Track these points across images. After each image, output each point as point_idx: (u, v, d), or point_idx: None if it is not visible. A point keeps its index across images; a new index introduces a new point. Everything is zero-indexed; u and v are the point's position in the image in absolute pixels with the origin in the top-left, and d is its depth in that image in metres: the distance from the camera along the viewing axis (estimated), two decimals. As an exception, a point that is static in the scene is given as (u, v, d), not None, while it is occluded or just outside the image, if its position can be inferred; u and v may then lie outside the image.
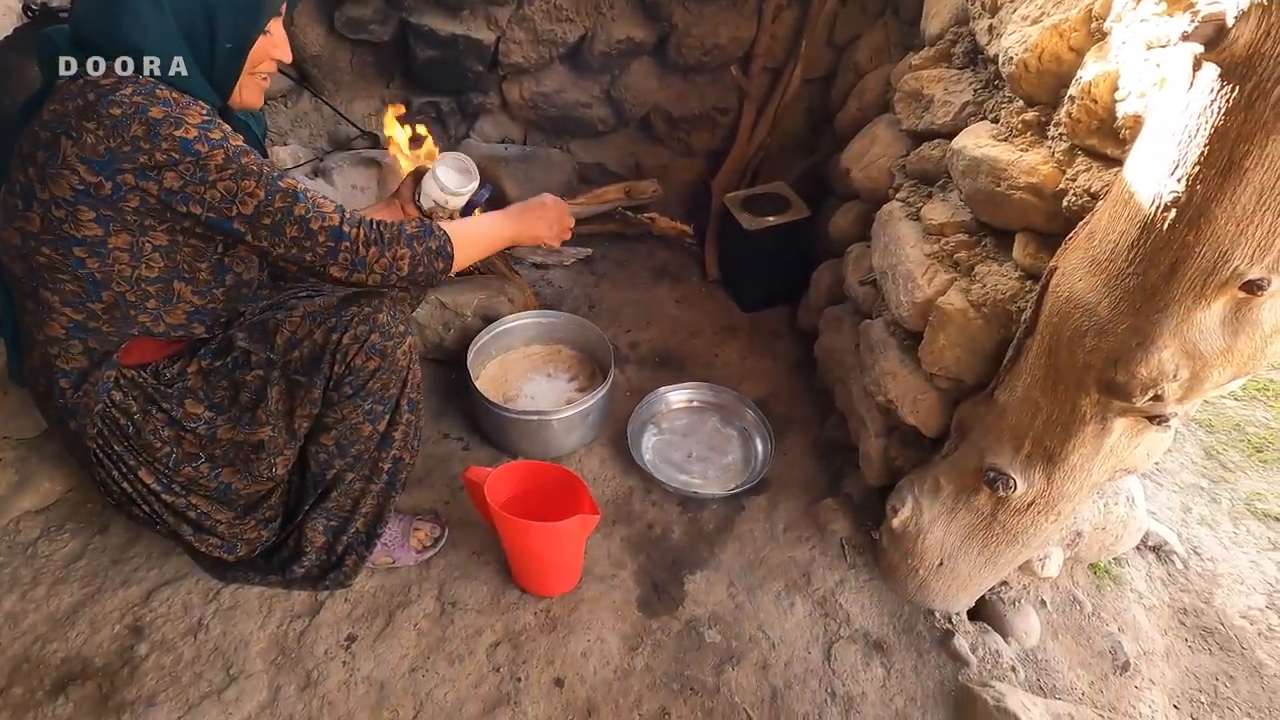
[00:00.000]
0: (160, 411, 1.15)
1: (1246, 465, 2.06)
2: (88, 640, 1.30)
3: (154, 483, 1.19)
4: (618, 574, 1.51)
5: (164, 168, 0.95)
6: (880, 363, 1.50)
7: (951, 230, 1.37)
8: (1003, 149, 1.21)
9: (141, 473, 1.18)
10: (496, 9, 2.09)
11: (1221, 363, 0.87)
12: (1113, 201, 0.91)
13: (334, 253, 1.06)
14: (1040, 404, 1.10)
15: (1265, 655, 1.59)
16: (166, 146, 0.94)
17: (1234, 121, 0.70)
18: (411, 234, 1.11)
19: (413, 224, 1.13)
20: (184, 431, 1.17)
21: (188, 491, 1.21)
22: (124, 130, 0.93)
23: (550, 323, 1.92)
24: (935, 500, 1.35)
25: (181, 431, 1.17)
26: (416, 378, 1.28)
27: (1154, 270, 0.84)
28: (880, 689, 1.36)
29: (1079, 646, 1.51)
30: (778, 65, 2.28)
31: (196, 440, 1.18)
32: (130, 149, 0.93)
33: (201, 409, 1.17)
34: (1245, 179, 0.72)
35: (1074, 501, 1.20)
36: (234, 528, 1.28)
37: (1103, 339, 0.93)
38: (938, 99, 1.49)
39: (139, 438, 1.15)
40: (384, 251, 1.08)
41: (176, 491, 1.21)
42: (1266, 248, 0.75)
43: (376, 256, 1.08)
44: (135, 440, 1.15)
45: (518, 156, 2.38)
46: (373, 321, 1.18)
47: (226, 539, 1.28)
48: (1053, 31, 1.11)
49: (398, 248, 1.09)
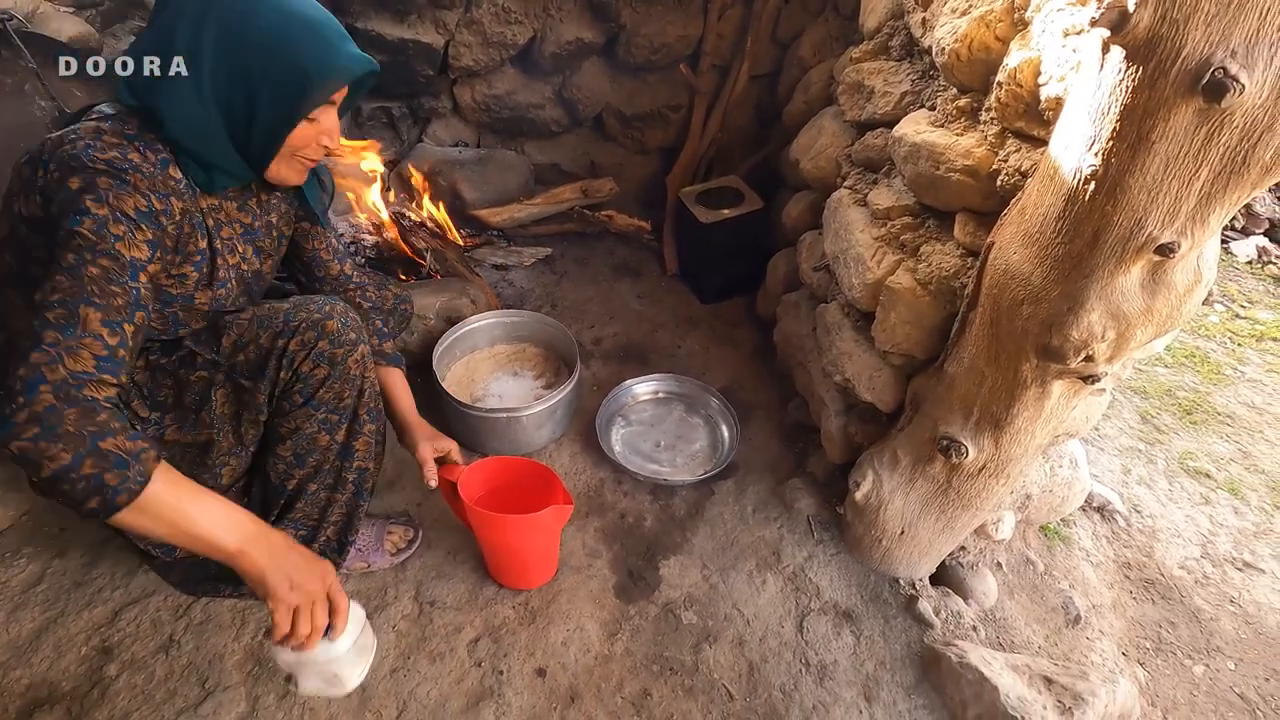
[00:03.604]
0: None
1: (1178, 427, 2.19)
2: (53, 665, 1.26)
3: None
4: (593, 563, 1.53)
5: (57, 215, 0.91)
6: (836, 344, 1.56)
7: (897, 214, 1.44)
8: (940, 135, 1.28)
9: None
10: (444, 12, 2.10)
11: (1143, 322, 0.94)
12: (1040, 178, 0.98)
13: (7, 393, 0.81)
14: (985, 372, 1.17)
15: (1202, 601, 1.70)
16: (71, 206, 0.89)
17: (1140, 99, 0.77)
18: (102, 450, 0.81)
19: (120, 440, 0.83)
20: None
21: None
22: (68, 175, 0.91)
23: (514, 321, 1.94)
24: (894, 472, 1.41)
25: None
26: (375, 386, 1.27)
27: (1079, 239, 0.91)
28: (851, 656, 1.42)
29: (1033, 604, 1.59)
30: (725, 63, 2.34)
31: None
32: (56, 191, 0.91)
33: (148, 411, 1.15)
34: (1153, 151, 0.79)
35: (1021, 463, 1.27)
36: None
37: (1038, 306, 1.00)
38: (878, 90, 1.55)
39: None
40: (40, 439, 0.79)
41: None
42: (1175, 214, 0.83)
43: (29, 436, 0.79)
44: None
45: (473, 159, 2.38)
46: (321, 328, 1.16)
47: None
48: (980, 22, 1.18)
49: (60, 446, 0.80)
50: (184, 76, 0.95)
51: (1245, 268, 3.08)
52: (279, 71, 0.97)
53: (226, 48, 0.95)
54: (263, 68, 0.97)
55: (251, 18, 0.95)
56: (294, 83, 0.99)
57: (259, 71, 0.97)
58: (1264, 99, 0.72)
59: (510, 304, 2.17)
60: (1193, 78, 0.72)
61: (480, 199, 2.34)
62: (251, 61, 0.96)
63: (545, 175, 2.56)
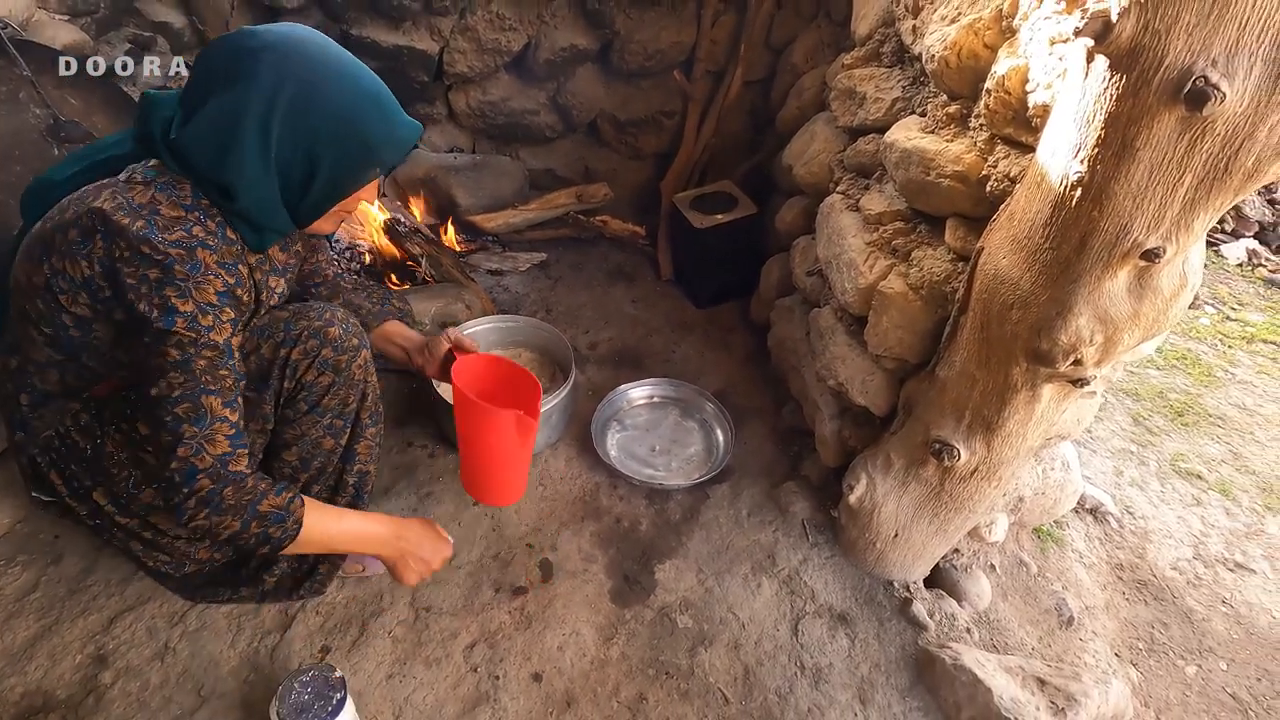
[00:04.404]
0: (119, 432, 1.13)
1: (1170, 429, 2.21)
2: (48, 673, 1.26)
3: (109, 504, 1.17)
4: (589, 568, 1.54)
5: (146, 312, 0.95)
6: (830, 348, 1.57)
7: (889, 219, 1.45)
8: (930, 141, 1.29)
9: (97, 494, 1.16)
10: (439, 19, 2.11)
11: (1130, 326, 0.95)
12: (1028, 184, 0.99)
13: (171, 485, 0.98)
14: (976, 376, 1.18)
15: (1194, 602, 1.72)
16: (158, 303, 0.93)
17: (1124, 107, 0.78)
18: (261, 512, 1.01)
19: (271, 499, 1.02)
20: (143, 451, 1.15)
21: (147, 512, 1.20)
22: (144, 265, 0.93)
23: (509, 327, 1.94)
24: (887, 475, 1.42)
25: (140, 451, 1.15)
26: (376, 391, 1.28)
27: (1066, 245, 0.92)
28: (846, 658, 1.42)
29: (1027, 605, 1.60)
30: (719, 68, 2.36)
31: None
32: (135, 282, 0.94)
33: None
34: (1137, 158, 0.80)
35: (1013, 466, 1.28)
36: (190, 545, 1.26)
37: (1027, 311, 1.01)
38: (870, 96, 1.57)
39: (97, 462, 1.13)
40: (211, 516, 0.98)
41: (134, 513, 1.19)
42: (1160, 219, 0.84)
43: (202, 517, 0.99)
44: (93, 464, 1.14)
45: (468, 165, 2.39)
46: (323, 336, 1.17)
47: (175, 556, 1.26)
48: (968, 30, 1.19)
49: (229, 518, 0.99)
50: (251, 147, 0.94)
51: (1236, 270, 3.11)
52: (345, 145, 0.98)
53: (296, 120, 0.95)
54: (329, 140, 0.97)
55: (322, 89, 0.95)
56: (358, 155, 1.00)
57: (325, 144, 0.97)
58: (1244, 107, 0.73)
59: (505, 309, 2.17)
60: (1175, 86, 0.74)
61: (475, 204, 2.35)
62: (320, 134, 0.96)
63: (540, 181, 2.57)
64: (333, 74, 0.96)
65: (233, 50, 0.94)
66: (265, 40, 0.94)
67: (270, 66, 0.93)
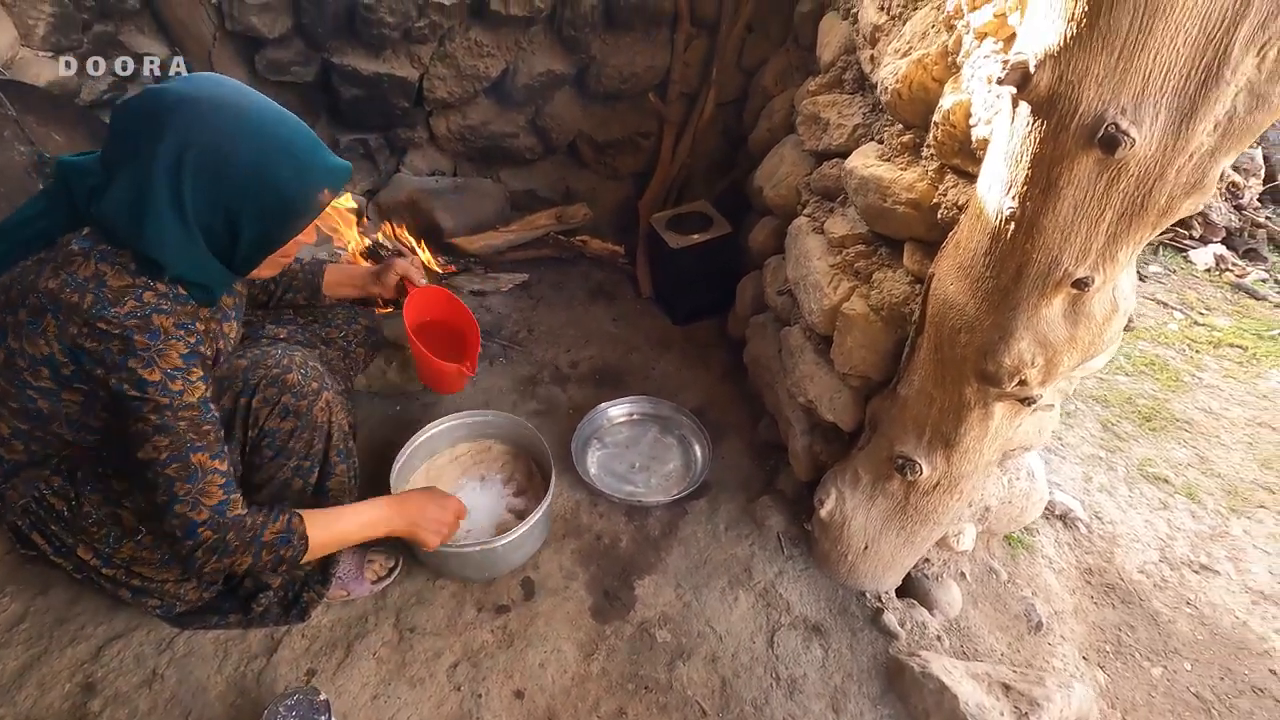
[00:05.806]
0: (95, 492, 1.15)
1: (1138, 434, 2.27)
2: (36, 702, 1.29)
3: (92, 558, 1.20)
4: (570, 585, 1.57)
5: (117, 388, 0.98)
6: (799, 366, 1.62)
7: (851, 242, 1.50)
8: (886, 168, 1.35)
9: (80, 550, 1.19)
10: (418, 47, 2.15)
11: (1068, 349, 1.01)
12: (970, 216, 1.04)
13: (174, 540, 1.05)
14: (933, 395, 1.23)
15: (1160, 605, 1.77)
16: (126, 377, 0.96)
17: (1047, 149, 0.84)
18: (266, 541, 1.08)
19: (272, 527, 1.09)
20: (119, 508, 1.17)
21: (130, 563, 1.22)
22: (104, 340, 0.95)
23: (476, 421, 1.80)
24: (856, 490, 1.47)
25: (117, 509, 1.17)
26: (343, 428, 1.31)
27: (1004, 274, 0.97)
28: (820, 669, 1.46)
29: (997, 612, 1.65)
30: (693, 90, 2.41)
31: (135, 513, 1.17)
32: (99, 359, 0.96)
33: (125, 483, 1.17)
34: (1061, 195, 0.85)
35: (973, 479, 1.33)
36: (178, 586, 1.28)
37: (973, 335, 1.06)
38: (833, 122, 1.62)
39: (75, 521, 1.16)
40: (221, 559, 1.06)
41: (117, 565, 1.21)
42: (1087, 251, 0.89)
43: (213, 563, 1.07)
44: (72, 524, 1.16)
45: (450, 188, 2.44)
46: (282, 383, 1.18)
47: (165, 600, 1.29)
48: (918, 64, 1.25)
49: (239, 556, 1.07)
50: (167, 214, 0.94)
51: (1204, 275, 3.18)
52: (261, 200, 0.98)
53: (206, 182, 0.94)
54: (244, 197, 0.97)
55: (228, 148, 0.94)
56: (276, 209, 1.01)
57: (241, 200, 0.97)
58: (1154, 150, 0.79)
59: (488, 330, 2.21)
60: (1090, 131, 0.79)
61: (457, 227, 2.39)
62: (233, 193, 0.96)
63: (521, 202, 2.62)
64: (242, 130, 0.95)
65: (139, 114, 0.94)
66: (170, 101, 0.93)
67: (175, 131, 0.92)
